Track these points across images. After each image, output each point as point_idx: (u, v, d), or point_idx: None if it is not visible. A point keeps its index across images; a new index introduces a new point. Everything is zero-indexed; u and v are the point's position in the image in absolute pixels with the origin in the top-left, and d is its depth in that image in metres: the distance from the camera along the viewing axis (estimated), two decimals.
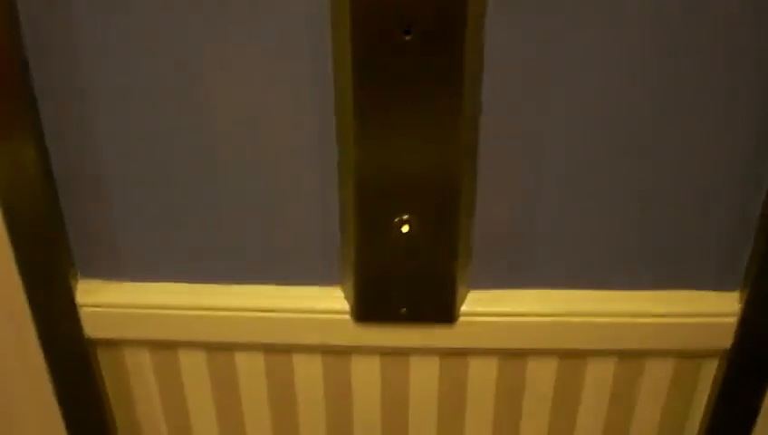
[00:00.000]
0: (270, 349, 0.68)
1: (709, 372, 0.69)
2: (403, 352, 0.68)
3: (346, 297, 0.65)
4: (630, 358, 0.68)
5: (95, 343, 0.68)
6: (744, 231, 0.62)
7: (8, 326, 0.67)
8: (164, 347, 0.69)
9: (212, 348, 0.69)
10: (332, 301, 0.65)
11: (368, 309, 0.65)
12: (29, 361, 0.68)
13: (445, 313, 0.64)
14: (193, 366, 0.70)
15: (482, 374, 0.69)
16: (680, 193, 0.61)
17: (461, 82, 0.54)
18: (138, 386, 0.71)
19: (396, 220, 0.60)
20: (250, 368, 0.70)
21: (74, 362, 0.68)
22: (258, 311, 0.65)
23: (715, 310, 0.65)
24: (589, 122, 0.57)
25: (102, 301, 0.66)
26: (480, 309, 0.65)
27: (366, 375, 0.69)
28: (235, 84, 0.56)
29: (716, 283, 0.65)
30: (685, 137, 0.58)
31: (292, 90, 0.56)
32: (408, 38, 0.52)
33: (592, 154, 0.59)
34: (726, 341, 0.66)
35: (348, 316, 0.65)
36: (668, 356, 0.68)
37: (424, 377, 0.69)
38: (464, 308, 0.65)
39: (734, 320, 0.65)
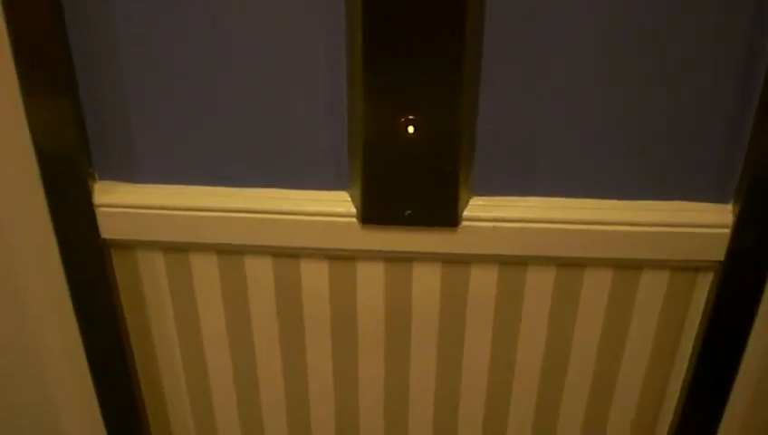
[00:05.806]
0: (278, 253, 0.71)
1: (704, 285, 0.71)
2: (407, 258, 0.70)
3: (353, 201, 0.68)
4: (627, 268, 0.70)
5: (110, 244, 0.70)
6: (738, 145, 0.64)
7: (27, 226, 0.69)
8: (176, 249, 0.71)
9: (222, 251, 0.71)
10: (340, 204, 0.67)
11: (374, 211, 0.67)
12: (46, 260, 0.70)
13: (448, 216, 0.67)
14: (203, 269, 0.72)
15: (482, 281, 0.71)
16: (676, 105, 0.63)
17: None
18: (150, 287, 0.74)
19: (402, 120, 0.62)
20: (259, 271, 0.72)
21: (89, 262, 0.70)
22: (267, 213, 0.68)
23: (709, 221, 0.67)
24: (589, 28, 0.60)
25: (118, 201, 0.68)
26: (482, 214, 0.67)
27: (370, 281, 0.72)
28: None
29: (711, 195, 0.67)
30: (680, 48, 0.60)
31: None
32: None
33: (592, 62, 0.61)
34: (720, 253, 0.68)
35: (354, 220, 0.67)
36: (664, 267, 0.70)
37: (426, 283, 0.72)
38: (466, 213, 0.67)
39: (727, 232, 0.67)
